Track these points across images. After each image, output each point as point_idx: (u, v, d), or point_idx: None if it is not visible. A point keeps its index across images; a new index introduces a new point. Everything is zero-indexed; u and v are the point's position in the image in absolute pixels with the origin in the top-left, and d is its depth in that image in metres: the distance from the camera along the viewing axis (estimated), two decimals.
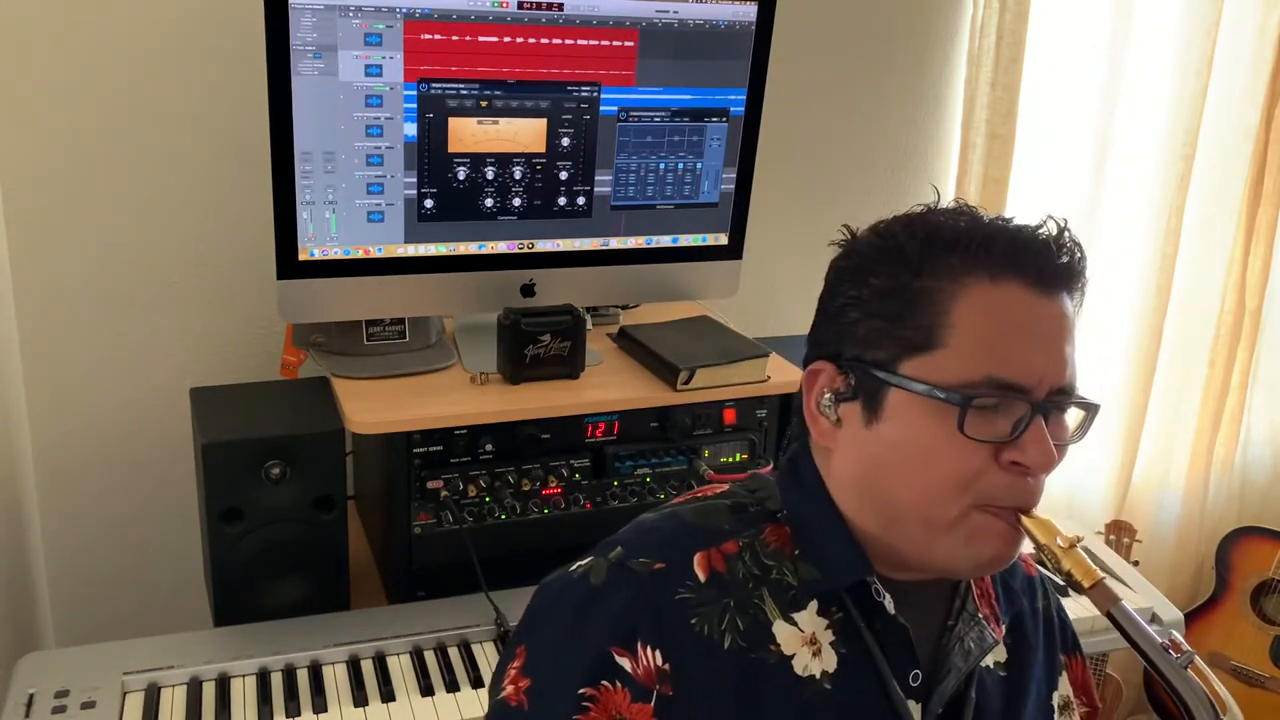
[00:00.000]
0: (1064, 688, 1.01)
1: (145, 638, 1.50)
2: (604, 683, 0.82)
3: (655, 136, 1.71)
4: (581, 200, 1.70)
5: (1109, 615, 0.81)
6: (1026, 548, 0.87)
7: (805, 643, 0.86)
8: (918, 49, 2.26)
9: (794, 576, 0.88)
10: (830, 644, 0.87)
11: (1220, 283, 2.60)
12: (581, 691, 0.82)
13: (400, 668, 1.48)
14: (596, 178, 1.69)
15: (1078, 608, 1.87)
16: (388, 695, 1.42)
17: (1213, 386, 2.67)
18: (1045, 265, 0.82)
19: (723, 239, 1.82)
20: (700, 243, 1.81)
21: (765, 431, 1.75)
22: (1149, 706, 2.72)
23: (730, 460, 1.74)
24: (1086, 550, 0.86)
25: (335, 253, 1.59)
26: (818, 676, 0.86)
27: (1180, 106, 2.41)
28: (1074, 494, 2.66)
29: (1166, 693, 0.81)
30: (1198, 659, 0.81)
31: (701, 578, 0.86)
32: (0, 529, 1.69)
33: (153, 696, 1.40)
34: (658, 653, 0.83)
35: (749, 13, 1.68)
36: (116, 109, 1.76)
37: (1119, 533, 2.43)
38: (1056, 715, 0.99)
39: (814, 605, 0.87)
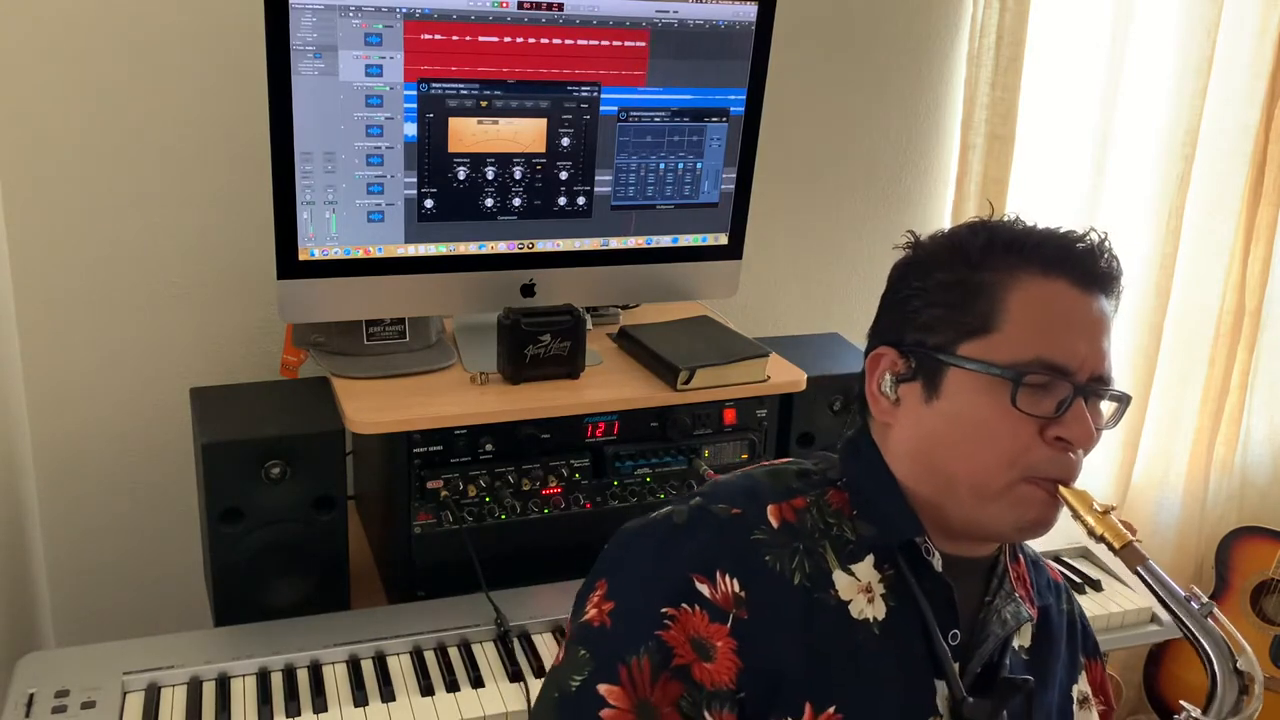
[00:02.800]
0: (1083, 685, 1.09)
1: (145, 638, 1.50)
2: (684, 605, 0.91)
3: (655, 136, 1.71)
4: (581, 200, 1.70)
5: (1137, 571, 0.91)
6: (1056, 542, 0.97)
7: (861, 590, 0.95)
8: (918, 49, 2.26)
9: (852, 533, 0.97)
10: (882, 595, 0.95)
11: (1220, 283, 2.60)
12: (664, 610, 0.91)
13: (400, 668, 1.48)
14: (596, 178, 1.69)
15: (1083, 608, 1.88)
16: (388, 695, 1.42)
17: (1213, 386, 2.67)
18: (1090, 267, 0.94)
19: (723, 239, 1.82)
20: (700, 243, 1.81)
21: (765, 431, 1.75)
22: (1149, 706, 2.73)
23: (731, 460, 1.74)
24: (1124, 522, 0.97)
25: (335, 253, 1.59)
26: (870, 621, 0.94)
27: (1180, 106, 2.41)
28: None
29: (1190, 641, 0.90)
30: (1216, 609, 0.89)
31: (774, 524, 0.95)
32: (0, 529, 1.69)
33: (153, 696, 1.40)
34: (735, 581, 0.92)
35: (749, 13, 1.68)
36: (116, 108, 1.76)
37: None
38: (1076, 708, 1.06)
39: (870, 559, 0.96)
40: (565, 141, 1.65)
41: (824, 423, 1.85)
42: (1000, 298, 0.93)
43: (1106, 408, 0.97)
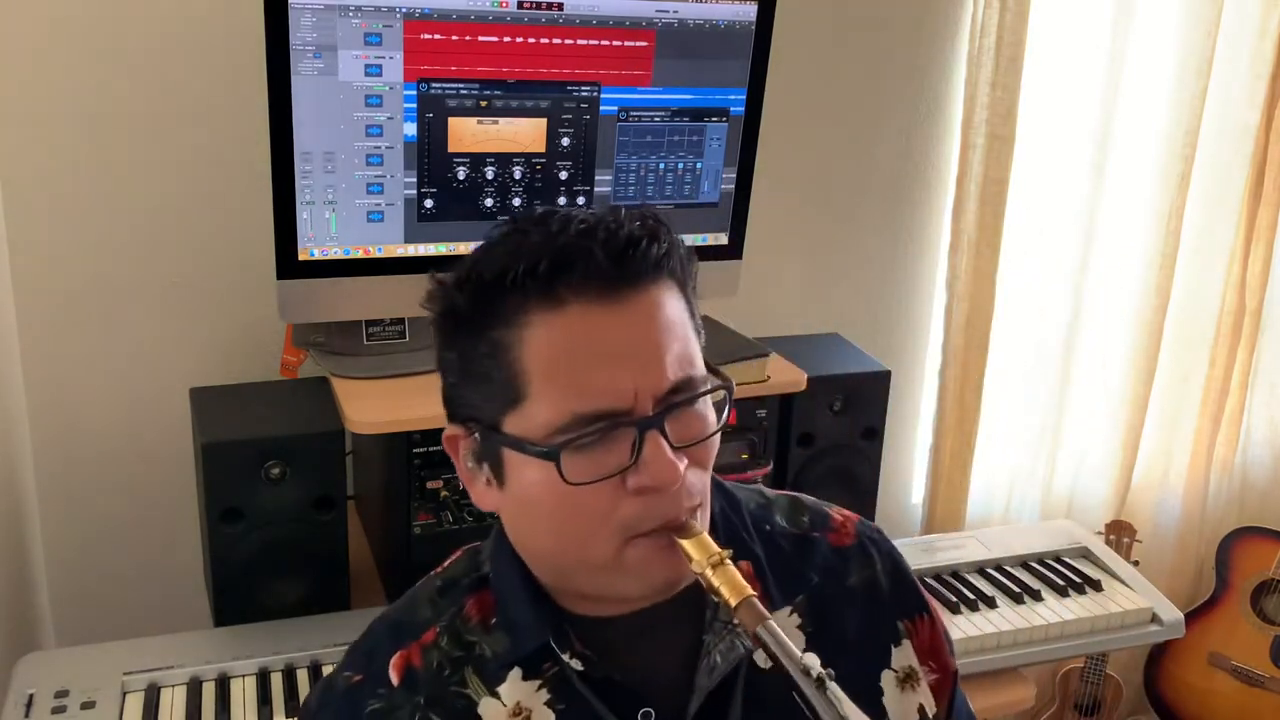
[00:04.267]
0: (902, 659, 0.92)
1: (145, 638, 1.50)
2: None
3: (655, 136, 1.71)
4: (581, 200, 1.70)
5: (755, 635, 0.74)
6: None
7: (510, 716, 0.83)
8: (918, 49, 2.26)
9: (490, 649, 0.84)
10: (546, 703, 0.83)
11: (1220, 283, 2.60)
12: None
13: None
14: (596, 177, 1.69)
15: (1079, 608, 1.88)
16: None
17: (1213, 386, 2.66)
18: (599, 270, 0.75)
19: (723, 239, 1.82)
20: (700, 243, 1.81)
21: (765, 431, 1.75)
22: (1149, 707, 2.72)
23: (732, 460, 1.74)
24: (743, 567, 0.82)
25: (335, 253, 1.59)
26: None
27: (1180, 107, 2.41)
28: (1074, 494, 2.66)
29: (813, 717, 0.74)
30: (831, 683, 0.73)
31: (395, 681, 0.84)
32: (0, 529, 1.69)
33: (153, 696, 1.40)
34: None
35: (749, 13, 1.68)
36: (116, 108, 1.76)
37: (1119, 533, 2.43)
38: (898, 691, 0.90)
39: (516, 673, 0.84)
40: (565, 141, 1.65)
41: (824, 423, 1.85)
42: (514, 356, 0.76)
43: (706, 404, 0.80)
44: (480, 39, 1.55)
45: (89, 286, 1.82)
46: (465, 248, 1.65)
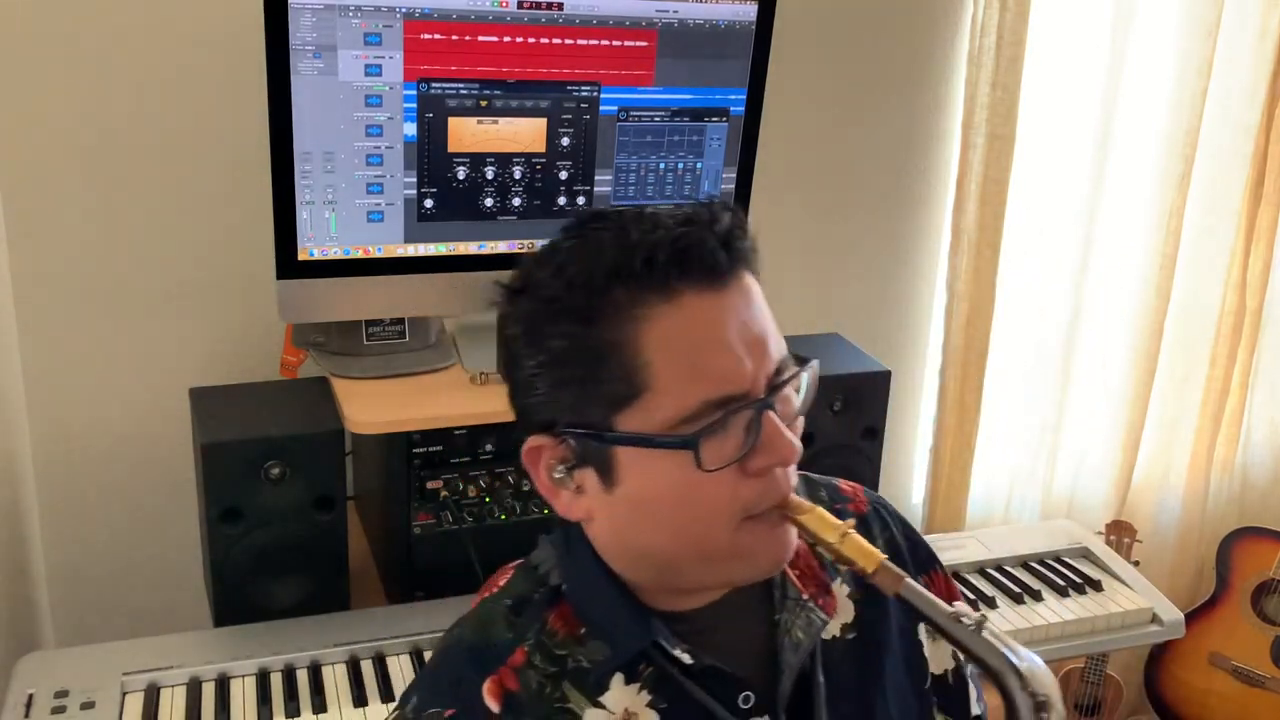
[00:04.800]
0: None
1: (145, 638, 1.50)
2: None
3: (655, 136, 1.71)
4: (581, 200, 1.70)
5: (898, 596, 0.78)
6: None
7: None
8: (918, 49, 2.26)
9: (588, 659, 0.83)
10: (649, 704, 0.83)
11: (1220, 283, 2.60)
12: None
13: (400, 668, 1.48)
14: (596, 177, 1.69)
15: (1079, 608, 1.88)
16: (387, 695, 1.42)
17: (1213, 386, 2.66)
18: (711, 259, 0.77)
19: None
20: None
21: None
22: (1149, 707, 2.72)
23: None
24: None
25: (335, 253, 1.59)
26: None
27: (1180, 107, 2.41)
28: (1074, 494, 2.66)
29: (971, 660, 0.80)
30: (988, 623, 0.77)
31: (495, 709, 0.81)
32: (0, 529, 1.69)
33: (152, 697, 1.40)
34: None
35: (749, 13, 1.68)
36: (116, 109, 1.76)
37: (1119, 533, 2.43)
38: (931, 642, 0.96)
39: (619, 679, 0.83)
40: (565, 141, 1.65)
41: (824, 423, 1.85)
42: (633, 353, 0.75)
43: (802, 383, 0.83)
44: (480, 39, 1.55)
45: (89, 286, 1.82)
46: (465, 248, 1.66)
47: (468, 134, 1.59)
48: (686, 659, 0.83)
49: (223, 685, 1.42)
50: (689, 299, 0.76)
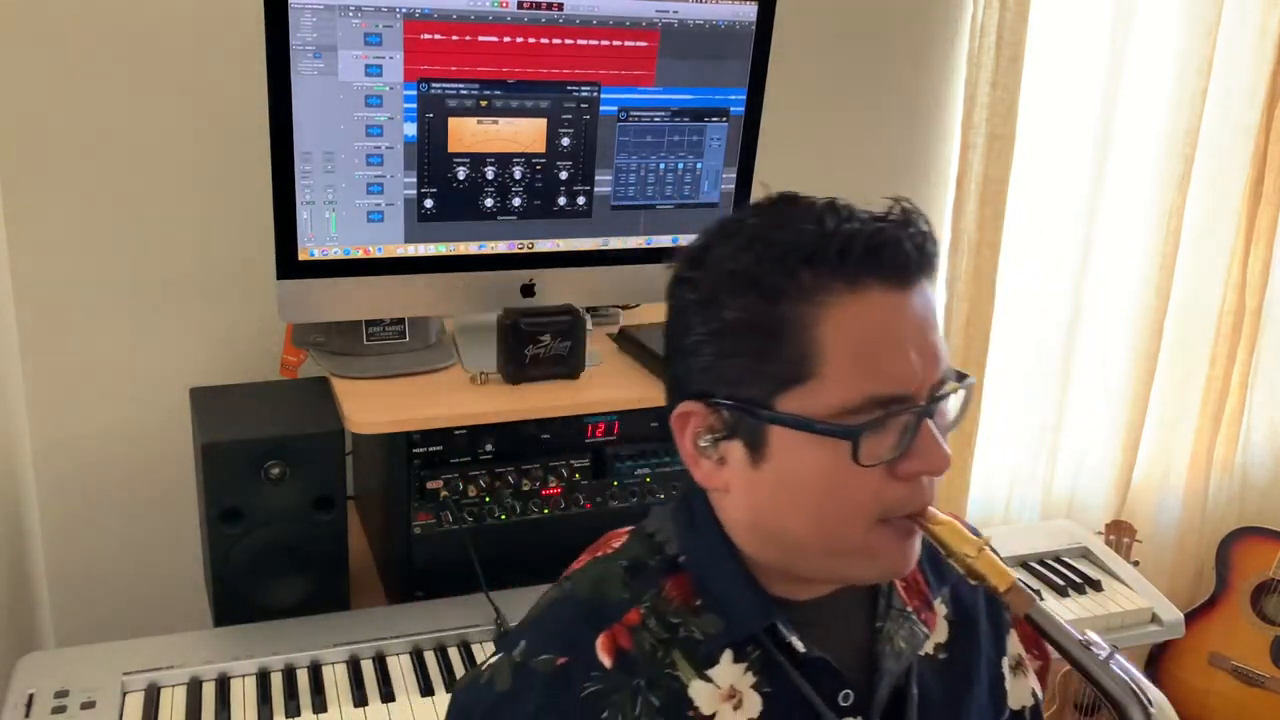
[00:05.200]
0: (1014, 648, 0.99)
1: (145, 638, 1.50)
2: None
3: (655, 136, 1.71)
4: (581, 200, 1.70)
5: (1027, 617, 0.78)
6: None
7: (724, 698, 0.83)
8: (918, 49, 2.26)
9: (700, 631, 0.84)
10: (752, 686, 0.83)
11: (1220, 283, 2.60)
12: None
13: (400, 668, 1.48)
14: (596, 178, 1.69)
15: (1079, 608, 1.88)
16: (387, 695, 1.42)
17: (1213, 386, 2.67)
18: (903, 259, 0.77)
19: None
20: None
21: None
22: None
23: None
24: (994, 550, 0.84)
25: (335, 253, 1.59)
26: None
27: (1180, 107, 2.41)
28: (1074, 494, 2.66)
29: (1096, 690, 0.79)
30: (1119, 655, 0.78)
31: (608, 663, 0.81)
32: (0, 529, 1.69)
33: (153, 696, 1.40)
34: None
35: (749, 13, 1.68)
36: (116, 108, 1.76)
37: (1119, 533, 2.43)
38: (1009, 678, 0.98)
39: (728, 655, 0.84)
40: (565, 141, 1.65)
41: None
42: (809, 337, 0.76)
43: (952, 401, 0.82)
44: (480, 39, 1.55)
45: (89, 286, 1.82)
46: (465, 248, 1.66)
47: (468, 134, 1.59)
48: (800, 646, 0.83)
49: (223, 685, 1.42)
50: (874, 294, 0.77)
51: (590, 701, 0.80)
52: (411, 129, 1.56)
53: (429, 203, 1.61)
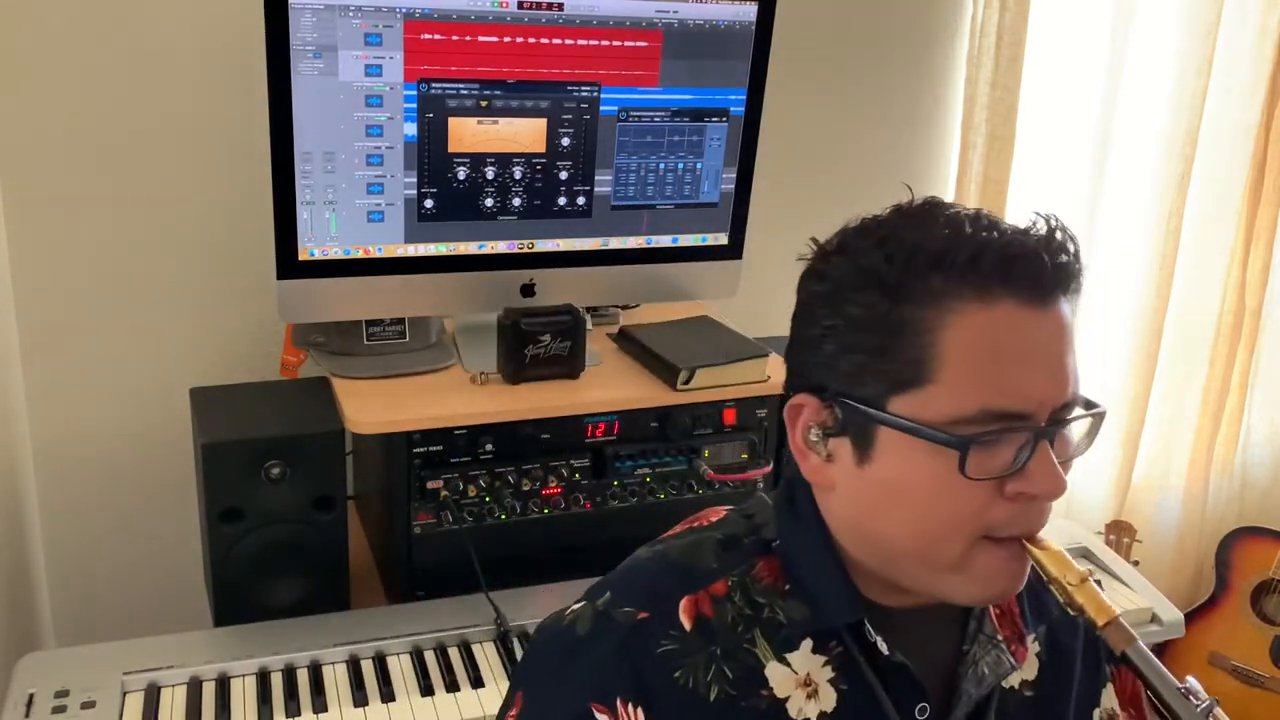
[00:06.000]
0: (1108, 700, 0.97)
1: (145, 638, 1.50)
2: None
3: (655, 136, 1.71)
4: (581, 200, 1.70)
5: (1124, 656, 0.76)
6: None
7: (799, 685, 0.82)
8: (918, 49, 2.26)
9: (784, 615, 0.84)
10: (829, 680, 0.83)
11: (1220, 283, 2.60)
12: None
13: (400, 668, 1.48)
14: (596, 178, 1.69)
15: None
16: (388, 695, 1.42)
17: (1213, 386, 2.66)
18: (1040, 274, 0.75)
19: (723, 239, 1.82)
20: (700, 243, 1.81)
21: (765, 431, 1.75)
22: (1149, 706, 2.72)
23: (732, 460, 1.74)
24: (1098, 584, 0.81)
25: (335, 253, 1.59)
26: (813, 719, 0.82)
27: (1180, 107, 2.41)
28: (1074, 494, 2.66)
29: None
30: (1218, 709, 0.76)
31: (687, 626, 0.82)
32: (0, 529, 1.69)
33: (153, 696, 1.40)
34: (639, 710, 0.80)
35: (749, 13, 1.68)
36: (116, 109, 1.76)
37: (1119, 533, 2.43)
38: None
39: (808, 644, 0.83)
40: (565, 141, 1.65)
41: None
42: (931, 340, 0.75)
43: (1078, 428, 0.80)
44: (480, 39, 1.55)
45: (89, 286, 1.82)
46: (465, 248, 1.66)
47: (468, 134, 1.59)
48: (884, 648, 0.83)
49: (223, 685, 1.42)
50: (1004, 307, 0.75)
51: (665, 659, 0.81)
52: (411, 129, 1.56)
53: (429, 203, 1.61)
